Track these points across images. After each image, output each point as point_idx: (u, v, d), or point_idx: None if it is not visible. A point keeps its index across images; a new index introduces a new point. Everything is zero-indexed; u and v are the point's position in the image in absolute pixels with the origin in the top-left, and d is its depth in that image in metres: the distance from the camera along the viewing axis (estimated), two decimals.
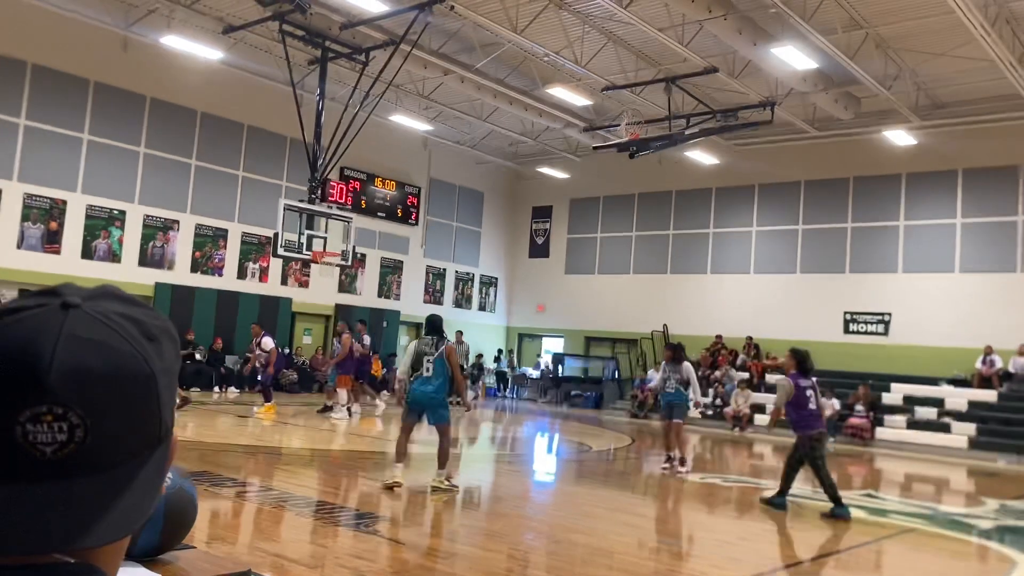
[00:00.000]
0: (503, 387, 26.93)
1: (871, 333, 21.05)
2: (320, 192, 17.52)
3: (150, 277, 19.48)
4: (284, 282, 22.21)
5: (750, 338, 22.33)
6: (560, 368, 25.89)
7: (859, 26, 15.45)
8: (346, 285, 23.62)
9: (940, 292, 20.10)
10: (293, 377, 20.94)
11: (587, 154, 24.56)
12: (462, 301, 27.37)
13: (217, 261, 20.84)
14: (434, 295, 26.39)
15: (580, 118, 21.77)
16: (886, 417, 18.29)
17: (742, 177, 23.53)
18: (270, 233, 17.69)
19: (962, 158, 20.03)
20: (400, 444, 8.33)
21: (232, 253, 21.13)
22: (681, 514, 8.92)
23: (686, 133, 18.84)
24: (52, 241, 17.97)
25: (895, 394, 19.08)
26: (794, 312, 21.99)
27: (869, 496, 10.50)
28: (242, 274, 21.34)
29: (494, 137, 24.96)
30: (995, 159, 19.60)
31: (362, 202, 23.70)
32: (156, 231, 19.69)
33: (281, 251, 16.29)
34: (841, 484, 8.49)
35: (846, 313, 21.45)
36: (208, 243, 20.66)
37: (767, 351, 22.07)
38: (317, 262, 17.05)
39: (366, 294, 24.23)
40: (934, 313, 20.02)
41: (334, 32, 16.84)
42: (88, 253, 18.50)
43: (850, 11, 14.94)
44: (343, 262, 17.43)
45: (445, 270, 26.80)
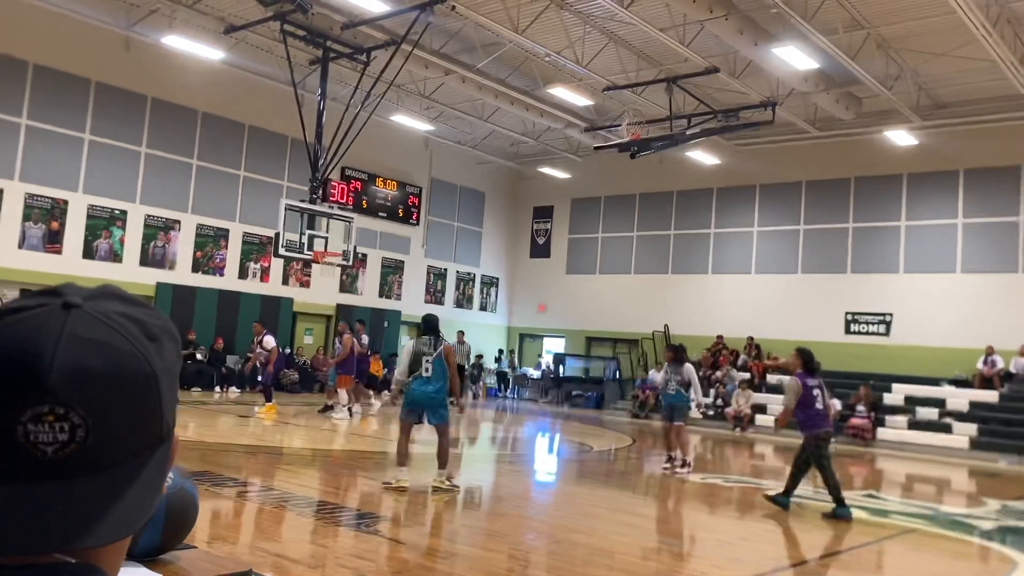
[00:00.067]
0: (504, 387, 26.93)
1: (872, 333, 21.04)
2: (321, 192, 17.54)
3: (151, 277, 19.49)
4: (285, 282, 22.22)
5: (751, 338, 22.33)
6: (561, 368, 25.88)
7: (860, 26, 15.45)
8: (347, 285, 23.62)
9: (941, 292, 20.09)
10: (294, 377, 20.95)
11: (588, 154, 24.56)
12: (463, 301, 27.37)
13: (218, 261, 20.85)
14: (435, 295, 26.39)
15: (581, 118, 21.77)
16: (887, 417, 18.28)
17: (743, 177, 23.53)
18: (271, 233, 17.69)
19: (963, 158, 20.02)
20: (402, 446, 8.29)
21: (233, 253, 21.14)
22: (682, 514, 8.92)
23: (687, 133, 18.84)
24: (53, 241, 17.98)
25: (896, 394, 19.08)
26: (795, 312, 21.98)
27: (870, 496, 10.50)
28: (243, 274, 21.35)
29: (495, 137, 24.96)
30: (996, 159, 19.59)
31: (363, 202, 23.71)
32: (157, 231, 19.70)
33: (282, 251, 16.31)
34: (842, 484, 8.48)
35: (847, 313, 21.45)
36: (209, 243, 20.67)
37: (768, 351, 22.08)
38: (318, 262, 17.06)
39: (367, 294, 24.24)
40: (935, 313, 20.01)
41: (335, 32, 16.85)
42: (89, 253, 18.51)
43: (851, 11, 14.94)
44: (344, 262, 17.43)
45: (446, 270, 26.80)
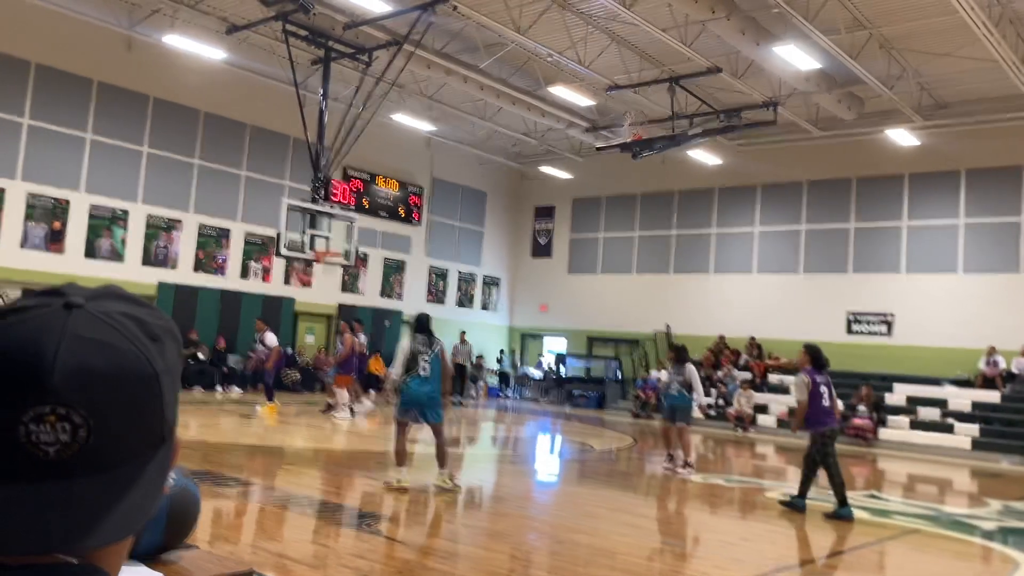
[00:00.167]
0: (505, 387, 26.93)
1: (874, 334, 21.02)
2: (323, 192, 17.51)
3: (153, 277, 19.51)
4: (287, 282, 22.23)
5: (753, 338, 22.32)
6: (562, 368, 25.88)
7: (862, 26, 15.44)
8: (349, 285, 23.63)
9: (943, 293, 20.08)
10: (296, 376, 20.97)
11: (590, 154, 24.54)
12: (465, 301, 27.37)
13: (220, 261, 20.85)
14: (437, 295, 26.39)
15: (583, 118, 21.76)
16: (889, 418, 18.26)
17: (745, 177, 23.52)
18: (273, 233, 17.69)
19: (965, 158, 20.00)
20: (400, 445, 8.25)
21: (235, 253, 21.15)
22: (684, 515, 8.91)
23: (689, 133, 18.84)
24: (55, 240, 18.00)
25: (898, 395, 19.07)
26: (797, 312, 21.96)
27: (872, 497, 10.49)
28: (245, 274, 21.36)
29: (497, 137, 24.96)
30: (998, 159, 19.57)
31: (365, 202, 23.72)
32: (159, 231, 19.71)
33: (284, 251, 16.30)
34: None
35: (849, 313, 21.43)
36: (211, 243, 20.68)
37: (770, 351, 22.08)
38: (320, 262, 17.08)
39: (369, 294, 24.25)
40: (937, 314, 20.00)
41: (337, 32, 16.85)
42: (91, 253, 18.52)
43: (853, 11, 14.93)
44: (346, 262, 17.43)
45: (448, 270, 26.80)
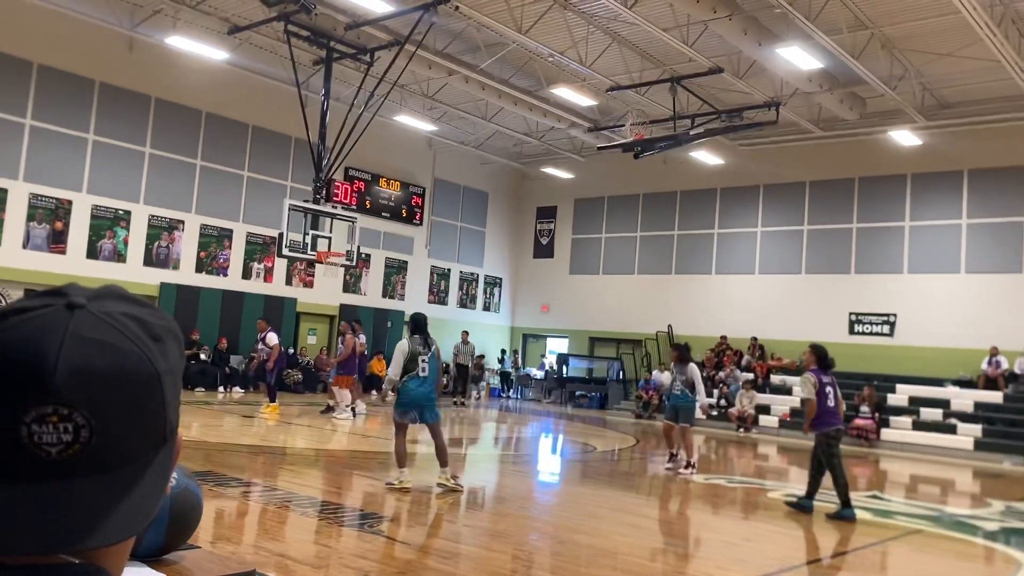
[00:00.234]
0: (507, 388, 26.92)
1: (876, 334, 21.00)
2: (325, 192, 17.54)
3: (155, 277, 19.53)
4: (289, 282, 22.25)
5: (755, 339, 22.30)
6: (564, 368, 25.87)
7: (864, 26, 15.43)
8: (351, 285, 23.64)
9: (946, 293, 20.05)
10: (298, 377, 20.98)
11: (592, 154, 24.54)
12: (466, 301, 27.37)
13: (222, 261, 20.87)
14: (438, 295, 26.39)
15: (585, 118, 21.76)
16: (891, 418, 18.25)
17: (747, 177, 23.50)
18: (275, 233, 17.73)
19: (968, 158, 19.98)
20: (401, 446, 8.24)
21: (237, 253, 21.16)
22: (686, 515, 8.90)
23: (691, 133, 18.83)
24: (57, 241, 18.02)
25: (900, 395, 19.05)
26: (799, 313, 21.95)
27: (875, 497, 10.48)
28: (247, 274, 21.38)
29: (498, 137, 24.96)
30: (1001, 159, 19.55)
31: (367, 202, 23.73)
32: (161, 231, 19.73)
33: (286, 251, 16.33)
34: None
35: (851, 314, 21.41)
36: (213, 243, 20.69)
37: (772, 352, 22.07)
38: (322, 262, 17.09)
39: (370, 294, 24.26)
40: (939, 314, 19.98)
41: (339, 32, 16.86)
42: (93, 253, 18.54)
43: (855, 11, 14.92)
44: (347, 262, 17.45)
45: (449, 270, 26.81)
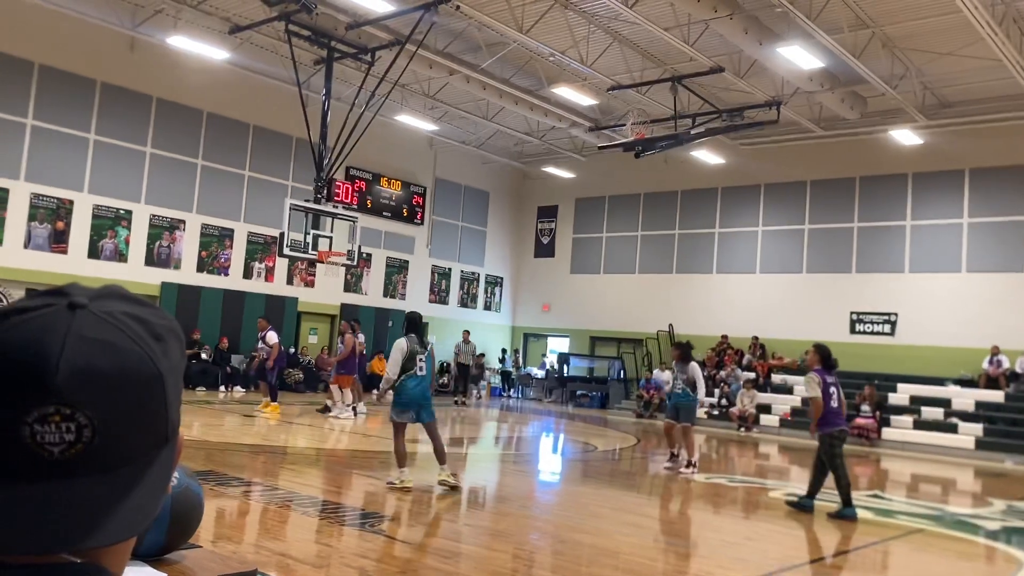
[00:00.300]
0: (508, 387, 26.93)
1: (877, 333, 20.99)
2: (326, 192, 17.55)
3: (156, 277, 19.53)
4: (290, 282, 22.25)
5: (756, 338, 22.30)
6: (565, 368, 25.87)
7: (865, 25, 15.41)
8: (352, 285, 23.64)
9: (947, 292, 20.04)
10: (299, 376, 20.99)
11: (592, 154, 24.54)
12: (467, 301, 27.37)
13: (223, 261, 20.88)
14: (439, 295, 26.40)
15: (586, 118, 21.76)
16: (892, 417, 18.24)
17: (748, 177, 23.49)
18: (276, 233, 17.72)
19: (969, 157, 19.96)
20: (401, 446, 8.22)
21: (238, 253, 21.17)
22: (687, 514, 8.91)
23: (692, 133, 18.83)
24: (59, 241, 18.03)
25: (901, 394, 19.04)
26: (800, 312, 21.94)
27: (876, 497, 10.48)
28: (248, 274, 21.38)
29: (499, 137, 24.96)
30: (1002, 158, 19.54)
31: (368, 202, 23.74)
32: (162, 231, 19.74)
33: (287, 251, 16.33)
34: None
35: (852, 313, 21.40)
36: (214, 243, 20.70)
37: (773, 351, 22.06)
38: (323, 262, 17.10)
39: (372, 294, 24.26)
40: (941, 313, 19.96)
41: (340, 32, 16.86)
42: (95, 253, 18.55)
43: (856, 10, 14.91)
44: (348, 262, 17.45)
45: (450, 270, 26.81)
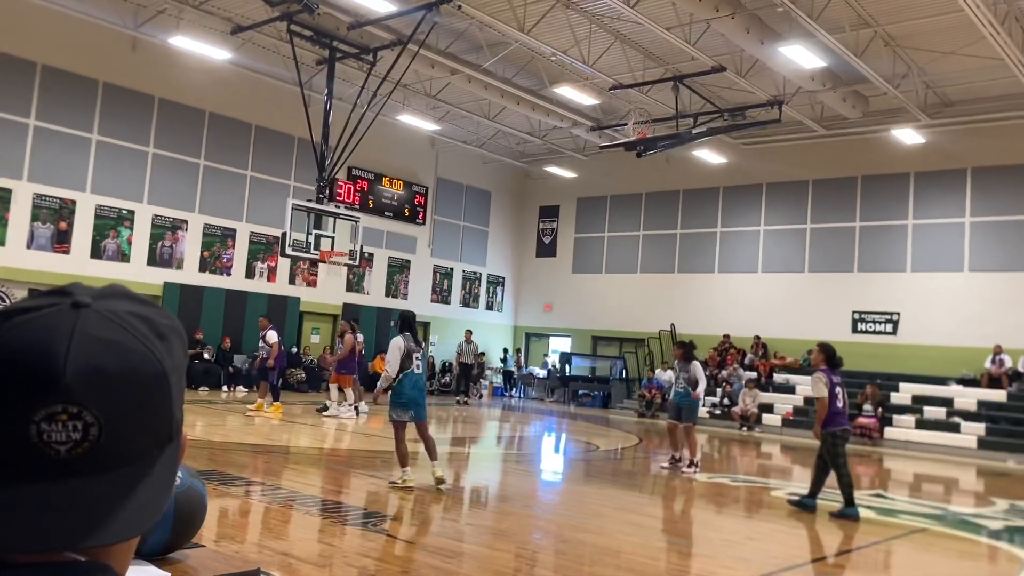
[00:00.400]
0: (510, 387, 26.93)
1: (879, 332, 20.97)
2: (328, 192, 17.56)
3: (159, 277, 19.55)
4: (292, 281, 22.27)
5: (758, 337, 22.29)
6: (567, 367, 25.87)
7: (867, 24, 15.40)
8: (354, 284, 23.66)
9: (949, 291, 20.01)
10: (301, 376, 21.01)
11: (594, 153, 24.54)
12: (469, 300, 27.37)
13: (225, 261, 20.89)
14: (441, 294, 26.40)
15: (587, 117, 21.75)
16: (895, 417, 18.23)
17: (750, 176, 23.48)
18: (278, 233, 17.73)
19: (971, 156, 19.94)
20: (403, 445, 8.20)
21: (240, 253, 21.18)
22: (689, 514, 8.91)
23: (693, 132, 18.83)
24: (61, 241, 18.04)
25: (904, 394, 19.02)
26: (802, 311, 21.93)
27: (878, 496, 10.47)
28: (250, 274, 21.40)
29: (501, 136, 24.96)
30: (1004, 157, 19.51)
31: (370, 201, 23.74)
32: (165, 231, 19.75)
33: (289, 251, 16.35)
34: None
35: (854, 312, 21.38)
36: (216, 243, 20.71)
37: (775, 350, 22.05)
38: (325, 261, 17.11)
39: (374, 293, 24.27)
40: (943, 312, 19.94)
41: (342, 32, 16.86)
42: (97, 253, 18.57)
43: (858, 9, 14.89)
44: (351, 261, 17.46)
45: (452, 269, 26.81)
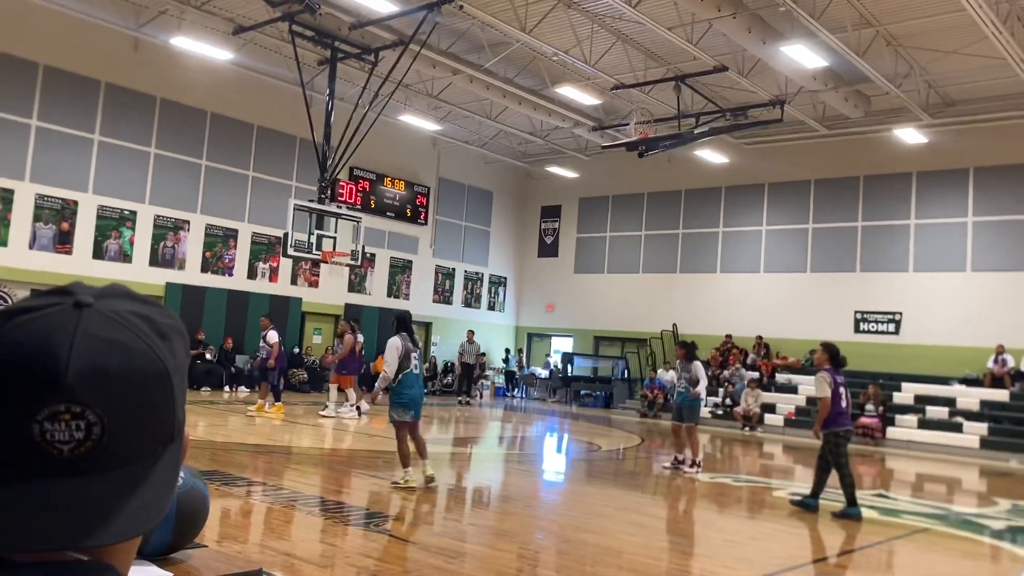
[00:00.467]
0: (512, 387, 26.92)
1: (882, 332, 20.95)
2: (330, 192, 17.57)
3: (161, 277, 19.57)
4: (294, 282, 22.28)
5: (760, 337, 22.27)
6: (569, 368, 25.86)
7: (869, 24, 15.39)
8: (356, 285, 23.66)
9: (951, 291, 19.99)
10: (303, 376, 21.01)
11: (596, 153, 24.54)
12: (471, 301, 27.37)
13: (227, 261, 20.90)
14: (443, 295, 26.40)
15: (589, 117, 21.74)
16: (897, 417, 18.21)
17: (752, 176, 23.46)
18: (280, 233, 17.75)
19: (973, 156, 19.92)
20: (405, 446, 8.22)
21: (242, 253, 21.20)
22: (691, 514, 8.90)
23: (695, 132, 18.82)
24: (64, 241, 18.06)
25: (906, 393, 19.00)
26: (804, 311, 21.91)
27: (881, 496, 10.46)
28: (252, 274, 21.41)
29: (503, 136, 24.96)
30: (1006, 157, 19.49)
31: (371, 202, 23.75)
32: (167, 231, 19.77)
33: (291, 251, 16.35)
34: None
35: (856, 312, 21.36)
36: (218, 243, 20.73)
37: (777, 350, 22.03)
38: (327, 262, 17.11)
39: (376, 294, 24.28)
40: (945, 312, 19.92)
41: (343, 32, 16.87)
42: (99, 253, 18.59)
43: (860, 9, 14.88)
44: (352, 262, 17.47)
45: (454, 270, 26.81)
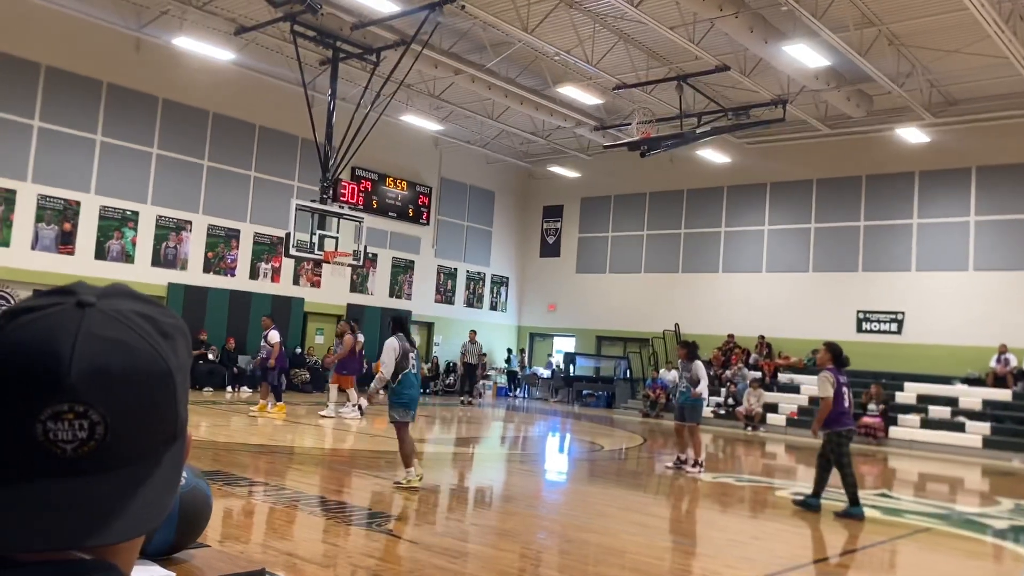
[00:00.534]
0: (514, 387, 26.92)
1: (884, 332, 20.93)
2: (332, 192, 17.58)
3: (163, 277, 19.58)
4: (296, 282, 22.29)
5: (762, 337, 22.26)
6: (571, 368, 25.86)
7: (871, 23, 15.38)
8: (358, 285, 23.68)
9: (954, 290, 19.97)
10: (305, 376, 21.02)
11: (598, 153, 24.53)
12: (473, 301, 27.38)
13: (229, 261, 20.92)
14: (445, 295, 26.41)
15: (591, 117, 21.74)
16: (899, 416, 18.19)
17: (754, 175, 23.45)
18: (282, 233, 17.76)
19: (976, 155, 19.89)
20: (407, 445, 8.21)
21: (244, 253, 21.21)
22: (694, 514, 8.90)
23: (697, 131, 18.81)
24: (66, 242, 18.08)
25: (908, 393, 18.98)
26: (806, 311, 21.90)
27: (883, 496, 10.45)
28: (254, 274, 21.42)
29: (505, 136, 24.96)
30: (1009, 156, 19.46)
31: (373, 202, 23.76)
32: (169, 232, 19.78)
33: (293, 251, 16.36)
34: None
35: (859, 312, 21.34)
36: (220, 243, 20.74)
37: (779, 350, 22.02)
38: (329, 262, 17.11)
39: (378, 294, 24.28)
40: (948, 311, 19.90)
41: (345, 32, 16.88)
42: (101, 254, 18.60)
43: (862, 8, 14.87)
44: (355, 262, 17.47)
45: (456, 270, 26.82)
